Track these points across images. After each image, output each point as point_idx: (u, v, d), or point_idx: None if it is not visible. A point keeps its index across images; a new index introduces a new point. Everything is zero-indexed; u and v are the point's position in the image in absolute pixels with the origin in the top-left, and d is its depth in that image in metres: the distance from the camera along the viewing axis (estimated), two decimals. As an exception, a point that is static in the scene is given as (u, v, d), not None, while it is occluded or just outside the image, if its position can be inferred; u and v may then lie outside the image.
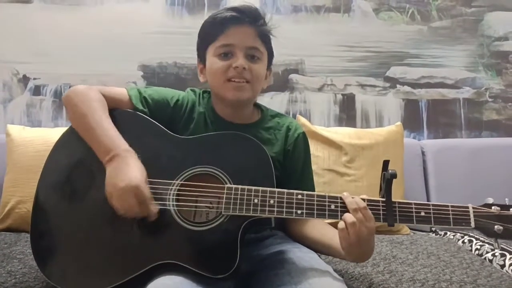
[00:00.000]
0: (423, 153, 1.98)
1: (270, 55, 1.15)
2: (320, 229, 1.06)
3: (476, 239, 1.56)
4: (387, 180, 0.91)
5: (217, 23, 1.07)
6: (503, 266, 1.35)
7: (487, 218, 0.91)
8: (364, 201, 0.91)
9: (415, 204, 0.92)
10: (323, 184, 1.70)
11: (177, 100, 1.13)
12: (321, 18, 2.12)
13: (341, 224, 0.89)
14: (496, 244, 0.91)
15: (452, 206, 0.92)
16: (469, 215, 0.92)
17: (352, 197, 0.91)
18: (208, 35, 1.10)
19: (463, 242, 1.60)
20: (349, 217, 0.88)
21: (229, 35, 1.06)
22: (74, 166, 1.03)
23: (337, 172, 1.75)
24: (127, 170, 0.91)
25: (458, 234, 1.67)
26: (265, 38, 1.10)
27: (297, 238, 1.11)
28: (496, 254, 1.41)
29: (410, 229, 1.76)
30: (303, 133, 1.18)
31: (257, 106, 1.20)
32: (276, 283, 0.93)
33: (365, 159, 1.77)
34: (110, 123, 1.01)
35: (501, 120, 2.19)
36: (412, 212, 0.92)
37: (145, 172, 0.94)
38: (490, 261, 1.40)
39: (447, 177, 1.91)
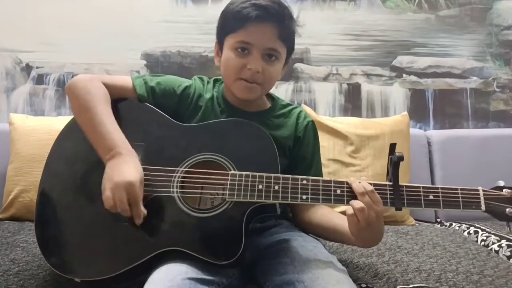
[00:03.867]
0: (429, 143, 1.96)
1: (290, 51, 1.11)
2: (328, 215, 1.06)
3: (482, 230, 1.55)
4: (394, 163, 0.90)
5: (240, 16, 1.01)
6: (509, 257, 1.34)
7: (498, 201, 0.89)
8: (371, 184, 0.89)
9: (423, 187, 0.91)
10: (328, 174, 1.69)
11: (184, 89, 1.11)
12: (327, 6, 2.09)
13: (349, 210, 0.88)
14: (508, 228, 0.89)
15: (461, 189, 0.91)
16: (479, 198, 0.90)
17: (359, 182, 0.90)
18: (228, 24, 1.05)
19: (468, 233, 1.59)
20: (356, 202, 0.87)
21: (249, 33, 1.01)
22: (79, 155, 1.03)
23: (342, 162, 1.74)
24: (126, 168, 0.91)
25: (464, 225, 1.66)
26: (286, 37, 1.06)
27: (305, 225, 1.10)
28: (503, 245, 1.40)
29: (415, 219, 1.75)
30: (312, 122, 1.18)
31: (268, 94, 1.19)
32: (280, 271, 0.93)
33: (371, 149, 1.75)
34: (113, 119, 0.99)
35: (509, 111, 2.16)
36: (420, 195, 0.90)
37: (142, 174, 0.93)
38: (497, 252, 1.39)
39: (454, 168, 1.89)
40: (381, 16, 2.11)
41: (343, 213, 0.95)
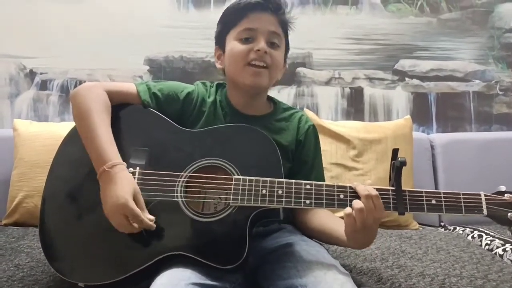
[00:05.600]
0: (432, 147, 1.95)
1: (287, 47, 1.15)
2: (324, 218, 1.06)
3: (486, 234, 1.55)
4: (397, 168, 0.90)
5: (240, 9, 1.08)
6: (514, 261, 1.33)
7: (500, 206, 0.90)
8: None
9: (426, 192, 0.91)
10: (331, 178, 1.68)
11: (187, 95, 1.12)
12: (329, 10, 2.10)
13: (347, 210, 0.87)
14: (510, 232, 0.90)
15: (463, 194, 0.92)
16: (481, 203, 0.91)
17: (364, 186, 0.90)
18: (230, 21, 1.10)
19: (472, 237, 1.58)
20: (357, 203, 0.87)
21: (252, 20, 1.07)
22: (83, 161, 1.02)
23: (345, 166, 1.74)
24: (114, 188, 0.90)
25: (468, 229, 1.66)
26: (285, 27, 1.11)
27: (305, 229, 1.10)
28: (507, 249, 1.39)
29: (419, 224, 1.74)
30: (313, 126, 1.19)
31: (270, 99, 1.20)
32: (283, 276, 0.93)
33: (373, 153, 1.75)
34: (107, 129, 0.98)
35: (512, 114, 2.16)
36: (422, 200, 0.91)
37: (134, 185, 0.92)
38: (501, 256, 1.38)
39: (457, 171, 1.89)
40: (383, 20, 2.12)
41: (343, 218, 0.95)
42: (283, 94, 2.06)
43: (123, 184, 0.90)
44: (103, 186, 0.92)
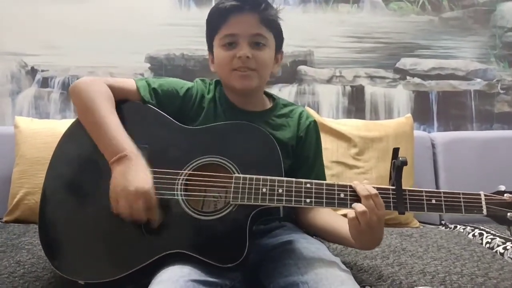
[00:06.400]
0: (433, 145, 1.95)
1: (279, 38, 1.13)
2: (330, 217, 1.06)
3: (487, 232, 1.55)
4: (397, 167, 0.90)
5: (219, 14, 1.06)
6: (515, 259, 1.33)
7: (500, 206, 0.91)
8: (374, 188, 0.90)
9: (426, 191, 0.92)
10: (332, 176, 1.69)
11: (187, 91, 1.12)
12: (330, 8, 2.10)
13: (351, 213, 0.88)
14: (509, 232, 0.90)
15: (463, 194, 0.92)
16: (481, 203, 0.91)
17: (363, 185, 0.90)
18: (212, 26, 1.10)
19: (473, 235, 1.58)
20: (359, 206, 0.87)
21: (231, 25, 1.05)
22: (82, 158, 1.03)
23: (346, 164, 1.74)
24: (137, 174, 0.90)
25: (469, 227, 1.66)
26: (269, 23, 1.08)
27: (307, 226, 1.10)
28: (508, 247, 1.39)
29: (420, 222, 1.74)
30: (315, 121, 1.18)
31: (269, 95, 1.20)
32: (284, 273, 0.93)
33: (374, 151, 1.75)
34: (118, 121, 0.99)
35: (513, 113, 2.16)
36: (423, 199, 0.91)
37: (151, 176, 0.92)
38: (502, 254, 1.38)
39: (458, 170, 1.89)
40: (384, 18, 2.11)
41: (345, 215, 0.95)
42: (284, 92, 2.06)
43: (146, 173, 0.92)
44: (122, 170, 0.91)
